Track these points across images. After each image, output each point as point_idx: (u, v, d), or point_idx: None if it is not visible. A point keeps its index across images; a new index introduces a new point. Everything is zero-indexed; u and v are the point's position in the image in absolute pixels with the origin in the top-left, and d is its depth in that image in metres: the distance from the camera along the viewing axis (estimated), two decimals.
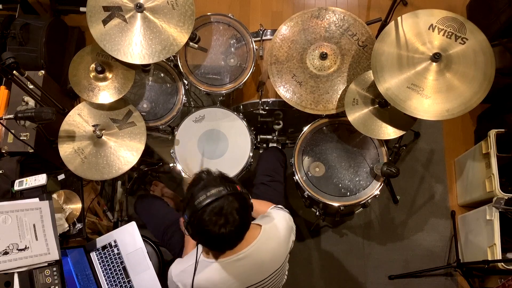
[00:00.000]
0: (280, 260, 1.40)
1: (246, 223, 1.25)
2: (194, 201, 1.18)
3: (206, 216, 1.17)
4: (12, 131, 1.83)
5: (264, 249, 1.33)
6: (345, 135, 2.00)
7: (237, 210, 1.19)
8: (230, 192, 1.20)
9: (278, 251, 1.39)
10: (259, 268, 1.34)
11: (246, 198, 1.25)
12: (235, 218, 1.19)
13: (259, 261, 1.33)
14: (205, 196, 1.18)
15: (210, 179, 1.24)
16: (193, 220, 1.19)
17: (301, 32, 1.92)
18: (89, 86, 1.80)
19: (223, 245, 1.26)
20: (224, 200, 1.18)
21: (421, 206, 2.58)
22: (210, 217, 1.17)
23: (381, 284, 2.45)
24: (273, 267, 1.38)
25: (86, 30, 2.95)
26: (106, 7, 1.70)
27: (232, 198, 1.19)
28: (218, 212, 1.17)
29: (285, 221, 1.44)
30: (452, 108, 1.61)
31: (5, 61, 1.50)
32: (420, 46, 1.66)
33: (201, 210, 1.17)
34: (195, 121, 2.04)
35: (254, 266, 1.32)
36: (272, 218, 1.44)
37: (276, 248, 1.38)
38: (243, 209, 1.22)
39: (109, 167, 1.78)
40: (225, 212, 1.17)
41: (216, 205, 1.17)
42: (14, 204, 1.49)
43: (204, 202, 1.17)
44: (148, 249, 1.93)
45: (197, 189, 1.21)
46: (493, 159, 2.16)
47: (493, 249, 2.08)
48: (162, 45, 1.70)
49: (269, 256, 1.36)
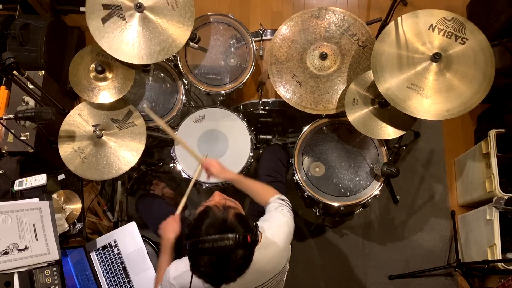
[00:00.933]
0: (280, 266, 1.39)
1: (240, 275, 1.18)
2: (198, 241, 1.11)
3: (202, 263, 1.11)
4: (12, 131, 1.83)
5: (264, 257, 1.31)
6: (345, 135, 2.00)
7: (237, 267, 1.14)
8: (237, 246, 1.11)
9: (278, 257, 1.38)
10: (258, 274, 1.33)
11: (252, 249, 1.18)
12: (230, 274, 1.14)
13: (259, 269, 1.31)
14: (209, 244, 1.09)
15: (223, 220, 1.15)
16: (191, 256, 1.15)
17: (301, 32, 1.92)
18: (89, 86, 1.80)
19: (211, 282, 1.20)
20: (227, 255, 1.11)
21: (421, 206, 2.58)
22: (205, 267, 1.12)
23: (381, 284, 2.45)
24: (273, 273, 1.37)
25: (86, 30, 2.95)
26: (105, 5, 1.69)
27: (238, 254, 1.12)
28: (216, 264, 1.11)
29: (286, 226, 1.42)
30: (452, 108, 1.61)
31: (5, 61, 1.50)
32: (420, 46, 1.66)
33: (200, 255, 1.11)
34: (195, 121, 2.04)
35: (253, 273, 1.30)
36: (273, 223, 1.41)
37: (276, 255, 1.37)
38: (244, 265, 1.16)
39: (109, 167, 1.78)
40: (223, 267, 1.12)
41: (217, 257, 1.10)
42: (14, 204, 1.49)
43: (205, 248, 1.10)
44: (148, 249, 1.93)
45: (205, 227, 1.14)
46: (493, 159, 2.16)
47: (493, 249, 2.08)
48: (161, 46, 1.70)
49: (269, 263, 1.35)
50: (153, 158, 2.62)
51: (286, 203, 1.53)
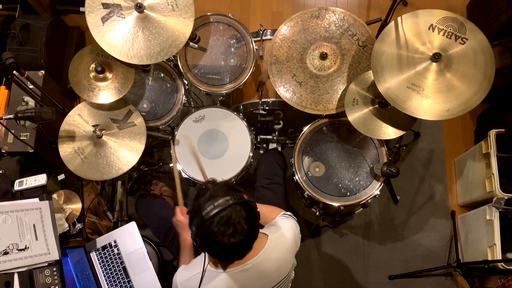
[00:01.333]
0: (285, 270, 1.39)
1: (254, 232, 1.23)
2: (201, 212, 1.16)
3: (214, 227, 1.14)
4: (12, 131, 1.83)
5: (270, 259, 1.32)
6: (345, 135, 2.00)
7: (245, 219, 1.17)
8: (237, 201, 1.17)
9: (284, 261, 1.38)
10: (265, 278, 1.33)
11: (253, 206, 1.23)
12: (244, 228, 1.17)
13: (265, 271, 1.32)
14: (212, 206, 1.15)
15: (216, 189, 1.22)
16: (201, 231, 1.17)
17: (301, 32, 1.92)
18: (89, 86, 1.80)
19: (232, 255, 1.24)
20: (231, 209, 1.15)
21: (421, 206, 2.58)
22: (218, 227, 1.14)
23: (381, 284, 2.45)
24: (279, 277, 1.37)
25: (86, 30, 2.95)
26: (105, 4, 1.69)
27: (239, 207, 1.17)
28: (226, 222, 1.14)
29: (292, 231, 1.43)
30: (452, 108, 1.61)
31: (5, 61, 1.50)
32: (420, 46, 1.66)
33: (209, 221, 1.15)
34: (195, 121, 2.04)
35: (260, 276, 1.31)
36: (279, 227, 1.42)
37: (282, 258, 1.37)
38: (251, 217, 1.20)
39: (109, 167, 1.78)
40: (233, 222, 1.15)
41: (224, 215, 1.15)
42: (14, 204, 1.49)
43: (212, 212, 1.14)
44: (148, 249, 1.93)
45: (203, 200, 1.19)
46: (493, 159, 2.16)
47: (493, 249, 2.08)
48: (161, 46, 1.70)
49: (275, 266, 1.35)
50: (153, 158, 2.62)
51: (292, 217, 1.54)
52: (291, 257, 1.42)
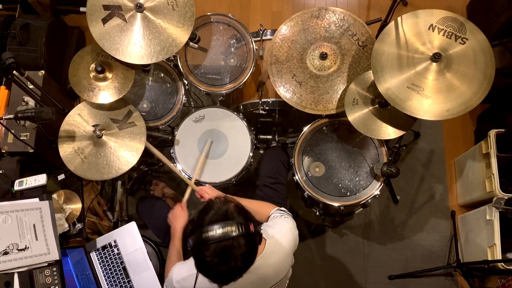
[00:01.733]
0: (284, 272, 1.39)
1: (248, 266, 1.19)
2: (202, 231, 1.12)
3: (208, 254, 1.11)
4: (12, 131, 1.83)
5: (268, 263, 1.31)
6: (345, 135, 2.00)
7: (242, 255, 1.13)
8: (240, 234, 1.11)
9: (282, 264, 1.38)
10: (261, 281, 1.33)
11: (256, 240, 1.18)
12: (238, 265, 1.13)
13: (262, 276, 1.31)
14: (213, 232, 1.10)
15: (225, 211, 1.16)
16: (196, 250, 1.14)
17: (301, 32, 1.92)
18: (89, 86, 1.80)
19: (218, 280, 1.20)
20: (231, 242, 1.11)
21: (421, 206, 2.58)
22: (211, 257, 1.11)
23: (381, 284, 2.45)
24: (276, 279, 1.37)
25: (86, 30, 2.95)
26: (106, 5, 1.69)
27: (242, 241, 1.12)
28: (221, 253, 1.11)
29: (291, 233, 1.42)
30: (452, 108, 1.61)
31: (5, 61, 1.50)
32: (420, 46, 1.66)
33: (205, 246, 1.11)
34: (195, 121, 2.04)
35: (258, 280, 1.31)
36: (277, 231, 1.40)
37: (279, 262, 1.36)
38: (250, 253, 1.16)
39: (109, 167, 1.78)
40: (229, 256, 1.11)
41: (222, 245, 1.10)
42: (14, 204, 1.49)
43: (210, 238, 1.10)
44: (148, 249, 1.93)
45: (208, 218, 1.14)
46: (493, 159, 2.16)
47: (493, 249, 2.08)
48: (161, 46, 1.70)
49: (273, 270, 1.35)
50: (153, 158, 2.62)
51: (287, 213, 1.54)
52: (290, 259, 1.42)
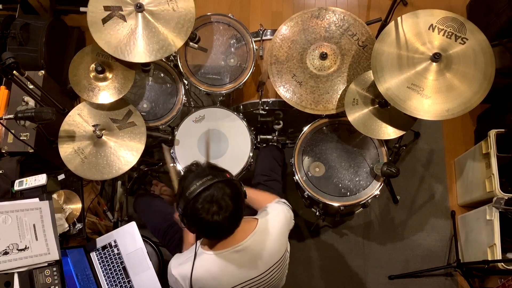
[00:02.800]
0: (279, 253, 1.40)
1: (239, 209, 1.26)
2: (186, 192, 1.21)
3: (198, 205, 1.19)
4: (12, 131, 1.83)
5: (261, 241, 1.34)
6: (345, 135, 2.00)
7: (229, 196, 1.21)
8: (220, 179, 1.22)
9: (275, 244, 1.38)
10: (256, 261, 1.34)
11: (236, 184, 1.27)
12: (228, 203, 1.20)
13: (256, 254, 1.33)
14: (195, 186, 1.20)
15: (199, 170, 1.27)
16: (187, 210, 1.21)
17: (301, 32, 1.92)
18: (89, 86, 1.80)
19: (220, 232, 1.27)
20: (214, 187, 1.20)
21: (421, 206, 2.58)
22: (202, 205, 1.18)
23: (381, 284, 2.45)
24: (271, 261, 1.38)
25: (86, 30, 2.95)
26: (106, 6, 1.70)
27: (222, 184, 1.21)
28: (210, 200, 1.19)
29: (283, 213, 1.45)
30: (452, 108, 1.61)
31: (5, 61, 1.51)
32: (420, 46, 1.66)
33: (193, 200, 1.19)
34: (195, 121, 2.04)
35: (252, 258, 1.33)
36: (269, 211, 1.44)
37: (273, 241, 1.38)
38: (235, 194, 1.24)
39: (109, 167, 1.78)
40: (217, 199, 1.19)
41: (208, 193, 1.19)
42: (14, 204, 1.49)
43: (195, 191, 1.19)
44: (148, 249, 1.93)
45: (187, 181, 1.23)
46: (493, 159, 2.16)
47: (493, 249, 2.08)
48: (160, 45, 1.70)
49: (266, 249, 1.36)
50: (153, 158, 2.62)
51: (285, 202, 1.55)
52: (283, 239, 1.43)
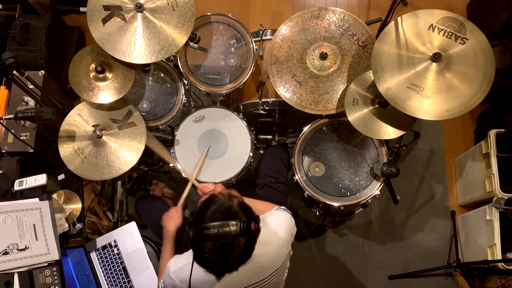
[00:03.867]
0: (279, 262, 1.39)
1: (244, 262, 1.20)
2: (203, 228, 1.13)
3: (207, 250, 1.13)
4: (12, 131, 1.83)
5: (263, 252, 1.32)
6: (345, 135, 2.00)
7: (240, 254, 1.15)
8: (241, 233, 1.13)
9: (278, 253, 1.38)
10: (257, 270, 1.34)
11: (255, 237, 1.20)
12: (234, 261, 1.16)
13: (258, 264, 1.32)
14: (215, 230, 1.11)
15: (227, 207, 1.17)
16: (195, 243, 1.16)
17: (301, 32, 1.92)
18: (89, 86, 1.80)
19: (214, 271, 1.23)
20: (232, 241, 1.12)
21: (421, 206, 2.58)
22: (210, 253, 1.13)
23: (381, 284, 2.45)
24: (272, 269, 1.37)
25: (86, 30, 2.95)
26: (106, 6, 1.70)
27: (241, 240, 1.13)
28: (220, 250, 1.12)
29: (286, 222, 1.44)
30: (452, 108, 1.61)
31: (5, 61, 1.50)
32: (420, 46, 1.66)
33: (204, 242, 1.13)
34: (195, 121, 2.04)
35: (253, 268, 1.31)
36: (272, 219, 1.43)
37: (275, 251, 1.37)
38: (247, 252, 1.18)
39: (109, 167, 1.78)
40: (227, 253, 1.13)
41: (222, 243, 1.12)
42: (14, 204, 1.49)
43: (211, 235, 1.11)
44: (148, 249, 1.93)
45: (210, 213, 1.16)
46: (493, 159, 2.16)
47: (493, 249, 2.08)
48: (161, 45, 1.70)
49: (269, 259, 1.35)
50: (153, 158, 2.62)
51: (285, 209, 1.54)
52: (286, 248, 1.42)
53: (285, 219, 1.45)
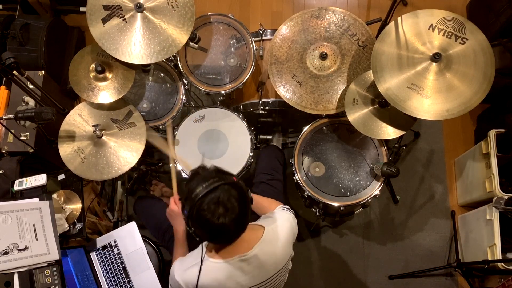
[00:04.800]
0: (282, 261, 1.40)
1: (246, 212, 1.25)
2: (192, 194, 1.20)
3: (204, 206, 1.17)
4: (12, 131, 1.83)
5: (267, 250, 1.33)
6: (345, 135, 2.00)
7: (235, 198, 1.20)
8: (226, 182, 1.21)
9: (281, 252, 1.39)
10: (262, 269, 1.34)
11: (243, 187, 1.26)
12: (234, 205, 1.19)
13: (262, 263, 1.33)
14: (201, 187, 1.19)
15: (205, 173, 1.26)
16: (193, 212, 1.20)
17: (301, 32, 1.92)
18: (89, 86, 1.80)
19: (226, 235, 1.25)
20: (220, 189, 1.19)
21: (421, 206, 2.58)
22: (208, 206, 1.17)
23: (381, 284, 2.45)
24: (276, 268, 1.38)
25: (86, 30, 2.95)
26: (106, 5, 1.70)
27: (228, 187, 1.21)
28: (216, 201, 1.18)
29: (289, 223, 1.44)
30: (452, 108, 1.61)
31: (5, 61, 1.51)
32: (420, 46, 1.66)
33: (199, 201, 1.18)
34: (195, 121, 2.04)
35: (257, 267, 1.32)
36: (275, 219, 1.43)
37: (279, 250, 1.38)
38: (242, 197, 1.23)
39: (109, 167, 1.78)
40: (223, 200, 1.18)
41: (214, 195, 1.18)
42: (14, 204, 1.49)
43: (201, 193, 1.18)
44: (148, 249, 1.93)
45: (193, 183, 1.22)
46: (493, 159, 2.16)
47: (493, 249, 2.08)
48: (161, 46, 1.70)
49: (272, 258, 1.36)
50: (153, 158, 2.62)
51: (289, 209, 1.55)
52: (288, 248, 1.42)
53: (287, 219, 1.45)
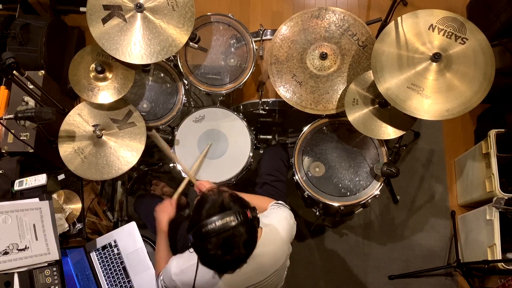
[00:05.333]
0: (280, 260, 1.40)
1: (251, 251, 1.22)
2: (201, 227, 1.13)
3: (211, 247, 1.13)
4: (12, 131, 1.84)
5: (265, 252, 1.32)
6: (345, 135, 2.00)
7: (244, 242, 1.15)
8: (239, 222, 1.13)
9: (279, 252, 1.39)
10: (259, 270, 1.34)
11: (255, 225, 1.20)
12: (241, 252, 1.16)
13: (260, 264, 1.32)
14: (213, 225, 1.11)
15: (220, 202, 1.18)
16: (197, 245, 1.16)
17: (301, 32, 1.92)
18: (89, 86, 1.80)
19: (226, 269, 1.24)
20: (232, 231, 1.12)
21: (421, 206, 2.58)
22: (215, 250, 1.13)
23: (381, 284, 2.45)
24: (273, 268, 1.38)
25: (86, 30, 2.95)
26: (106, 5, 1.70)
27: (241, 229, 1.14)
28: (223, 244, 1.12)
29: (286, 221, 1.44)
30: (452, 108, 1.61)
31: (5, 61, 1.51)
32: (420, 46, 1.66)
33: (206, 240, 1.13)
34: (195, 121, 2.04)
35: (255, 268, 1.32)
36: (272, 219, 1.43)
37: (277, 251, 1.38)
38: (251, 240, 1.18)
39: (109, 167, 1.78)
40: (231, 245, 1.13)
41: (224, 236, 1.12)
42: (14, 204, 1.49)
43: (211, 231, 1.12)
44: (148, 249, 1.94)
45: (205, 212, 1.16)
46: (493, 159, 2.16)
47: (493, 249, 2.08)
48: (161, 46, 1.70)
49: (270, 258, 1.36)
50: (153, 158, 2.62)
51: (284, 205, 1.54)
52: (286, 248, 1.42)
53: (285, 217, 1.45)
